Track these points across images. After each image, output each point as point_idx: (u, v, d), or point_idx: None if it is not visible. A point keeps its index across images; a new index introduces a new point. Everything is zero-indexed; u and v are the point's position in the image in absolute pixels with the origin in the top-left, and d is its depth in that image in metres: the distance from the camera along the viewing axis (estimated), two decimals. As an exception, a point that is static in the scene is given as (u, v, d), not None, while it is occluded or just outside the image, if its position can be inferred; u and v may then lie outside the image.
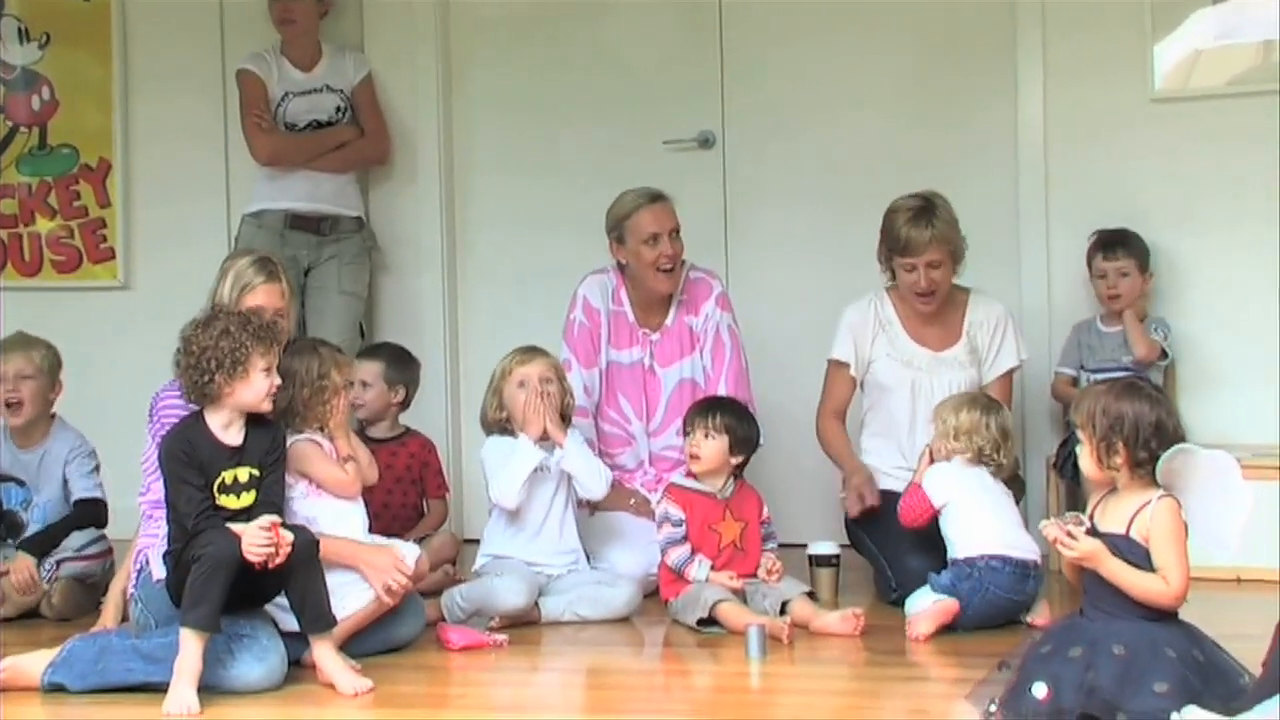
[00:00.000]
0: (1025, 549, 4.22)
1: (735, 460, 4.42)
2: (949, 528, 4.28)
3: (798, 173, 5.63)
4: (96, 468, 4.79)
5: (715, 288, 5.04)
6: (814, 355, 4.98)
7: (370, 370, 5.01)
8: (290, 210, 5.58)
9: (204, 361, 3.75)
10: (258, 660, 3.67)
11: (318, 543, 3.75)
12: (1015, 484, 4.51)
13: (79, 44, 6.08)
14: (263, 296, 4.02)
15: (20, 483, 4.77)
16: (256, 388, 3.76)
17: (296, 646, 3.78)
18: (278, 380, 3.80)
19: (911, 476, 4.44)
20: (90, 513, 4.75)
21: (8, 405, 4.75)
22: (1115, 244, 5.04)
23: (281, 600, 3.77)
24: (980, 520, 4.25)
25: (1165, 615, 3.18)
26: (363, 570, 3.95)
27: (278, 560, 3.61)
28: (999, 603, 4.15)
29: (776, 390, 5.25)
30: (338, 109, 5.68)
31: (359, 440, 4.23)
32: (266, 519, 3.64)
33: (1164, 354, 5.01)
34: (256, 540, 3.59)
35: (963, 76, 5.50)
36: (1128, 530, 3.19)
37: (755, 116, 5.67)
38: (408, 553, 4.09)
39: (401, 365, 5.12)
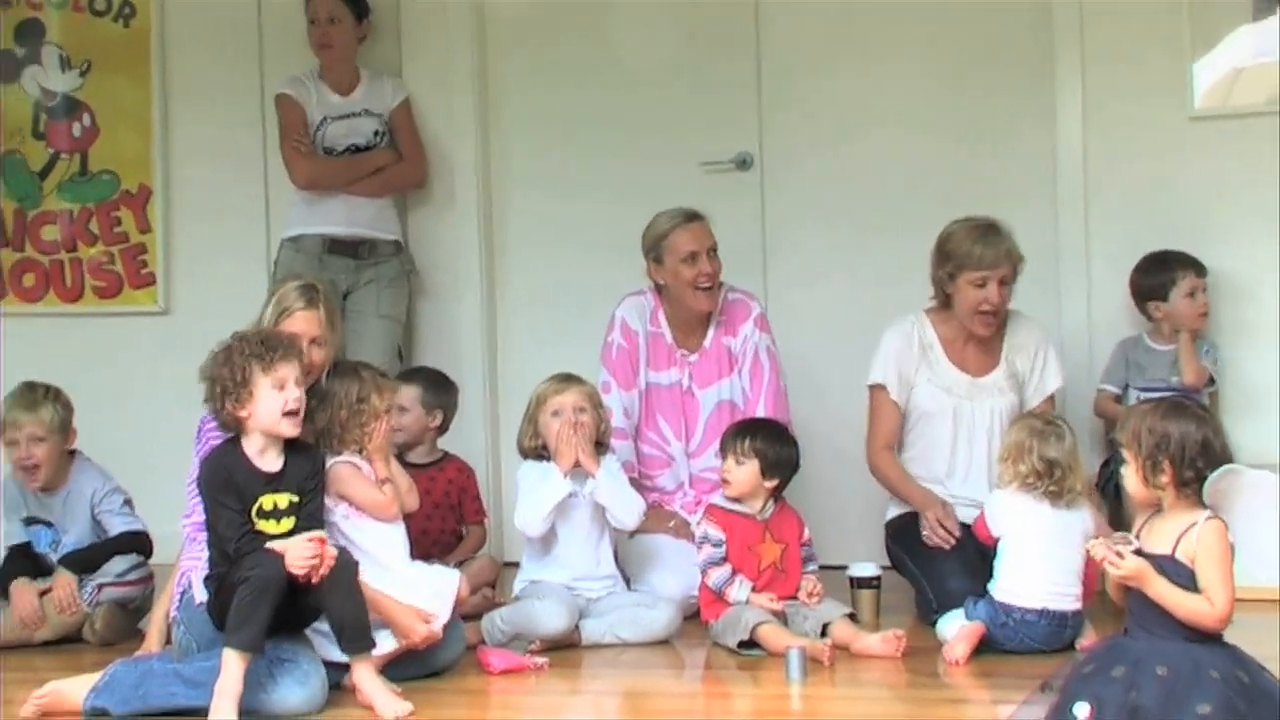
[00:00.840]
0: (1068, 599, 4.12)
1: (769, 484, 4.40)
2: (999, 560, 4.19)
3: (836, 194, 5.62)
4: (127, 502, 4.79)
5: (754, 309, 5.03)
6: (853, 377, 4.95)
7: (407, 395, 5.00)
8: (328, 234, 5.60)
9: (215, 391, 3.78)
10: (299, 684, 3.66)
11: (357, 564, 3.75)
12: None
13: (119, 71, 6.12)
14: (300, 323, 4.02)
15: (48, 524, 4.78)
16: (268, 405, 3.75)
17: (335, 675, 3.78)
18: (294, 394, 3.76)
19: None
20: (135, 543, 4.75)
21: (24, 469, 4.71)
22: (1198, 262, 5.01)
23: (322, 626, 3.77)
24: (1027, 566, 4.12)
25: (1210, 637, 3.15)
26: (391, 629, 3.94)
27: (322, 572, 3.61)
28: (1032, 650, 4.08)
29: (815, 412, 5.24)
30: (376, 133, 5.70)
31: (399, 467, 4.22)
32: (313, 534, 3.65)
33: (1211, 380, 4.98)
34: (303, 552, 3.60)
35: (1001, 96, 5.48)
36: (1174, 551, 3.16)
37: (793, 138, 5.67)
38: (448, 579, 4.09)
39: (439, 389, 5.12)
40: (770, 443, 4.42)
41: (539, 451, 4.50)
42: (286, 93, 5.67)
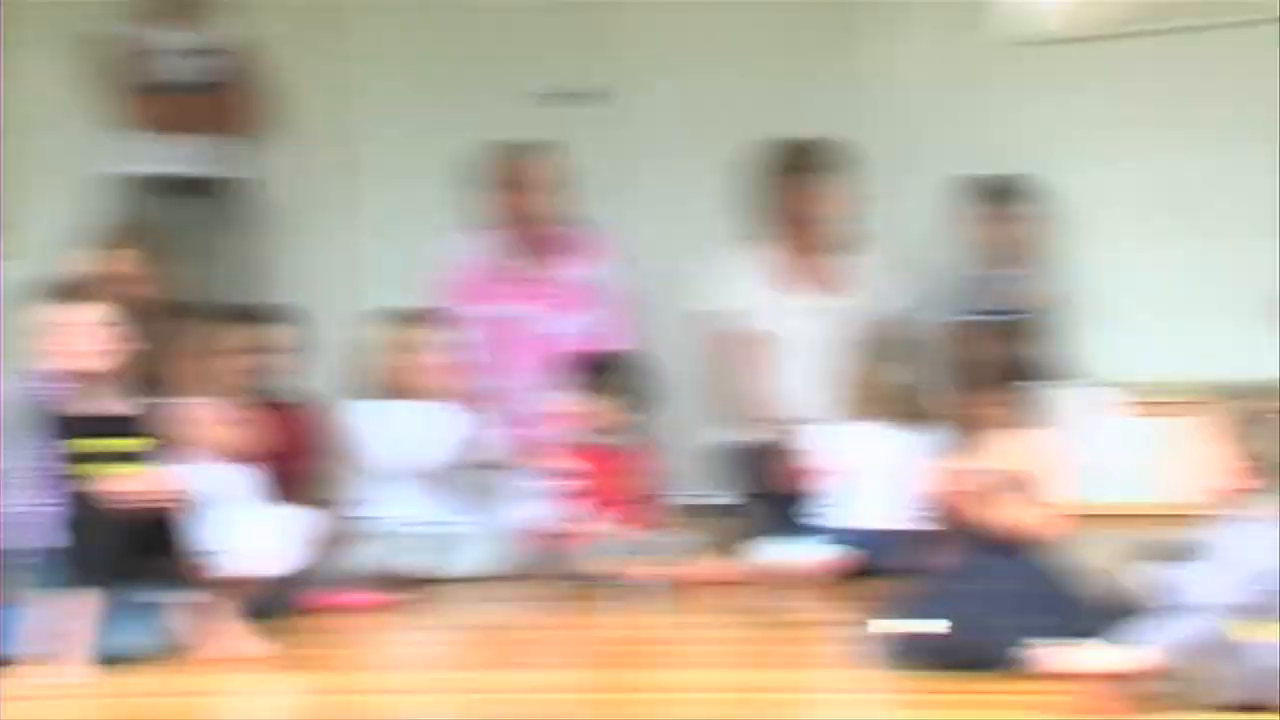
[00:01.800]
0: (912, 520, 4.15)
1: (628, 416, 4.42)
2: (845, 485, 4.27)
3: (686, 126, 5.67)
4: None
5: (601, 240, 5.04)
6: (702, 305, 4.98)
7: (287, 334, 4.98)
8: (175, 174, 5.50)
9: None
10: (145, 627, 3.63)
11: (198, 504, 3.71)
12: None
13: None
14: (113, 263, 3.99)
15: None
16: (63, 350, 3.69)
17: (185, 616, 3.75)
18: (69, 338, 3.67)
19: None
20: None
21: None
22: (1004, 190, 5.07)
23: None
24: (872, 490, 4.22)
25: (1033, 549, 3.23)
26: None
27: (157, 506, 3.58)
28: (879, 571, 4.12)
29: (666, 341, 5.25)
30: (222, 69, 5.61)
31: (249, 407, 4.19)
32: (150, 470, 3.61)
33: (1050, 301, 5.06)
34: (138, 485, 3.57)
35: (806, 29, 5.56)
36: (1004, 466, 3.24)
37: (646, 70, 5.71)
38: (299, 520, 4.08)
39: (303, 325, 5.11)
40: (624, 376, 4.44)
41: (384, 388, 4.48)
42: (125, 29, 5.55)
